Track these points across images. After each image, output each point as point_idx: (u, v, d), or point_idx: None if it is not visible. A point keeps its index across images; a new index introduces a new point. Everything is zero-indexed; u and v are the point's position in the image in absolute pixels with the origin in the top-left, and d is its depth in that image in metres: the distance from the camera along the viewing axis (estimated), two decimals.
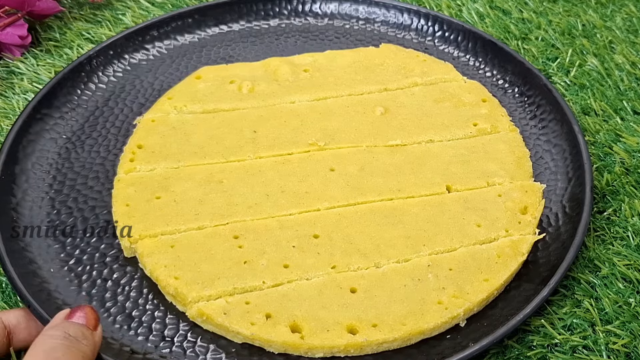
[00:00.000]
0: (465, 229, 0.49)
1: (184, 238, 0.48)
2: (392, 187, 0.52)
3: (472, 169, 0.54)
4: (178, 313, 0.46)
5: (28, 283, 0.45)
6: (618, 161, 0.55)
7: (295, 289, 0.45)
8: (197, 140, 0.55)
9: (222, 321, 0.43)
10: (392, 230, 0.49)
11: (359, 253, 0.47)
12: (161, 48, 0.66)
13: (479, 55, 0.65)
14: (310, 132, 0.56)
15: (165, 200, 0.51)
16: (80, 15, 0.71)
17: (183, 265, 0.46)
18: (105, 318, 0.45)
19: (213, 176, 0.52)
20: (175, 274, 0.45)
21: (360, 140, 0.56)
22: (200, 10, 0.68)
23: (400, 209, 0.50)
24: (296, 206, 0.50)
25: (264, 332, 0.43)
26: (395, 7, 0.69)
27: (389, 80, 0.62)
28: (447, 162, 0.54)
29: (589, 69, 0.64)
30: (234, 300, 0.44)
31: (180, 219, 0.49)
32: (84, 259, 0.48)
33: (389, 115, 0.58)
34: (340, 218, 0.50)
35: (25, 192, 0.52)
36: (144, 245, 0.47)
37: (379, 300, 0.45)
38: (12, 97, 0.62)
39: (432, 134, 0.57)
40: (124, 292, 0.47)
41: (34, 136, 0.56)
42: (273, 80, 0.61)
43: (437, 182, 0.53)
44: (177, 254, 0.47)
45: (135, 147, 0.55)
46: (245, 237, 0.48)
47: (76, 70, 0.61)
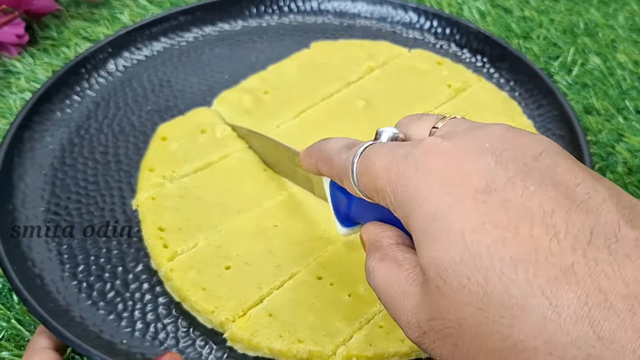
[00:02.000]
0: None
1: (273, 302, 0.44)
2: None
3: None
4: (182, 312, 0.45)
5: (27, 282, 0.44)
6: (620, 161, 0.55)
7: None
8: (215, 199, 0.51)
9: (374, 352, 0.42)
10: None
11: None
12: (160, 47, 0.65)
13: (482, 54, 0.64)
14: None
15: (236, 266, 0.46)
16: (78, 14, 0.71)
17: (296, 327, 0.43)
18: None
19: (262, 225, 0.49)
20: (297, 338, 0.43)
21: (369, 135, 0.55)
22: (203, 7, 0.67)
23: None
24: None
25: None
26: (394, 5, 0.68)
27: (346, 73, 0.61)
28: None
29: (591, 67, 0.63)
30: (368, 330, 0.43)
31: (265, 276, 0.46)
32: (84, 259, 0.48)
33: (372, 105, 0.58)
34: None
35: (24, 192, 0.52)
36: (241, 327, 0.43)
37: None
38: (9, 97, 0.61)
39: (421, 107, 0.58)
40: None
41: (32, 136, 0.55)
42: (244, 114, 0.58)
43: None
44: (281, 320, 0.43)
45: (158, 232, 0.48)
46: (328, 274, 0.46)
47: (74, 69, 0.60)
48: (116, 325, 0.44)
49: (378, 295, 0.33)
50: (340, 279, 0.45)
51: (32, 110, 0.56)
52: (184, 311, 0.45)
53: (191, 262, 0.46)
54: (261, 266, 0.46)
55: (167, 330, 0.44)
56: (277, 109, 0.58)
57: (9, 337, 0.44)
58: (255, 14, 0.69)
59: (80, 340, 0.41)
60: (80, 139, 0.57)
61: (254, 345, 0.43)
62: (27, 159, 0.54)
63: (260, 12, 0.69)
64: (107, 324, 0.44)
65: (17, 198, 0.51)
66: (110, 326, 0.44)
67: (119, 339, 0.44)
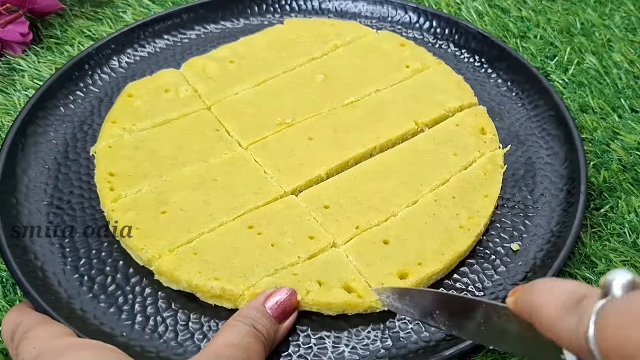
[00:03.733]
0: (446, 161, 0.54)
1: (201, 243, 0.48)
2: (370, 137, 0.56)
3: (426, 102, 0.59)
4: (194, 308, 0.46)
5: (29, 275, 0.46)
6: (615, 158, 0.56)
7: (333, 255, 0.48)
8: (166, 152, 0.54)
9: None
10: (388, 182, 0.53)
11: (372, 209, 0.50)
12: (162, 45, 0.66)
13: (480, 54, 0.65)
14: (269, 114, 0.57)
15: (172, 211, 0.50)
16: (81, 13, 0.71)
17: (216, 266, 0.46)
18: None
19: (204, 178, 0.52)
20: (214, 276, 0.46)
21: (319, 108, 0.58)
22: (205, 5, 0.68)
23: (384, 163, 0.54)
24: (299, 178, 0.52)
25: (323, 297, 0.45)
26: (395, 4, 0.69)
27: (312, 49, 0.64)
28: (402, 103, 0.59)
29: (587, 67, 0.64)
30: (281, 275, 0.46)
31: (197, 223, 0.49)
32: (86, 252, 0.49)
33: (330, 80, 0.61)
34: (338, 185, 0.52)
35: (27, 186, 0.53)
36: (166, 261, 0.47)
37: (412, 242, 0.48)
38: (13, 94, 0.62)
39: (377, 85, 0.61)
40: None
41: (36, 130, 0.56)
42: (207, 78, 0.61)
43: (404, 121, 0.57)
44: (204, 258, 0.47)
45: (108, 176, 0.52)
46: (260, 224, 0.49)
47: (77, 66, 0.61)
48: (116, 318, 0.45)
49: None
50: (269, 230, 0.49)
51: (36, 105, 0.57)
52: (184, 305, 0.46)
53: (132, 205, 0.50)
54: (194, 213, 0.50)
55: (167, 323, 0.45)
56: (239, 77, 0.61)
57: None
58: (257, 13, 0.70)
59: (81, 332, 0.42)
60: (84, 134, 0.57)
61: (175, 278, 0.46)
62: (30, 153, 0.55)
63: (262, 10, 0.70)
64: (108, 317, 0.45)
65: (21, 192, 0.52)
66: (110, 319, 0.45)
67: (119, 332, 0.44)
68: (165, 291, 0.47)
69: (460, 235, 0.49)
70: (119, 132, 0.56)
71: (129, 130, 0.56)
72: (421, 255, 0.48)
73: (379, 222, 0.50)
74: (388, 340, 0.44)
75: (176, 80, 0.61)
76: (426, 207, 0.51)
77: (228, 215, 0.50)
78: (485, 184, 0.53)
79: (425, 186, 0.52)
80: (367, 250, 0.48)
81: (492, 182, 0.53)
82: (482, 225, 0.50)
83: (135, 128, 0.56)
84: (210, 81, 0.60)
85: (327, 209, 0.51)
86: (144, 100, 0.59)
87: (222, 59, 0.63)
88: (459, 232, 0.49)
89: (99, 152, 0.54)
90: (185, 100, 0.59)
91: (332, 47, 0.64)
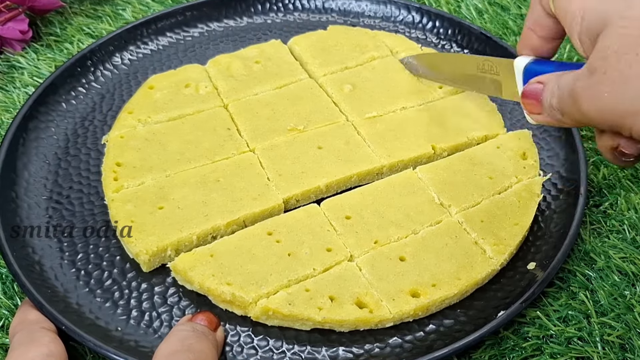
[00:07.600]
0: (480, 183, 0.52)
1: (220, 245, 0.47)
2: (381, 154, 0.54)
3: (450, 127, 0.56)
4: (177, 301, 0.46)
5: (26, 268, 0.46)
6: None
7: (347, 268, 0.47)
8: (175, 147, 0.54)
9: (290, 311, 0.44)
10: (414, 198, 0.51)
11: (393, 225, 0.49)
12: (165, 42, 0.66)
13: (481, 54, 0.65)
14: (284, 118, 0.57)
15: (169, 208, 0.50)
16: (81, 11, 0.72)
17: (230, 270, 0.46)
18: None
19: (207, 177, 0.52)
20: (226, 281, 0.45)
21: (335, 117, 0.57)
22: (209, 3, 0.68)
23: (414, 178, 0.53)
24: (296, 187, 0.51)
25: (334, 314, 0.44)
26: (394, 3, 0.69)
27: (347, 59, 0.63)
28: (425, 124, 0.57)
29: None
30: (294, 290, 0.45)
31: (190, 223, 0.49)
32: (83, 247, 0.49)
33: (357, 91, 0.59)
34: (363, 197, 0.51)
35: (27, 180, 0.53)
36: (184, 260, 0.46)
37: (429, 262, 0.47)
38: (12, 91, 0.62)
39: (403, 102, 0.59)
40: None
41: (37, 126, 0.56)
42: (229, 77, 0.60)
43: (422, 143, 0.55)
44: (220, 261, 0.46)
45: (114, 166, 0.53)
46: (279, 232, 0.48)
47: (77, 64, 0.61)
48: (112, 313, 0.45)
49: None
50: (288, 238, 0.48)
51: (37, 100, 0.57)
52: (179, 300, 0.46)
53: (132, 197, 0.50)
54: (190, 213, 0.50)
55: (162, 319, 0.45)
56: (262, 78, 0.61)
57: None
58: (260, 11, 0.70)
59: (75, 326, 0.42)
60: (85, 130, 0.57)
61: (188, 279, 0.46)
62: (31, 148, 0.55)
63: (265, 9, 0.70)
64: (103, 311, 0.45)
65: (21, 186, 0.52)
66: (106, 313, 0.45)
67: (114, 326, 0.44)
68: (162, 287, 0.47)
69: (481, 262, 0.47)
70: (133, 123, 0.56)
71: (144, 122, 0.56)
72: (436, 277, 0.46)
73: (398, 239, 0.48)
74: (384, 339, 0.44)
75: (199, 76, 0.61)
76: (450, 228, 0.49)
77: (222, 218, 0.49)
78: (518, 212, 0.50)
79: (453, 207, 0.50)
80: (381, 264, 0.47)
81: (525, 210, 0.50)
82: (507, 254, 0.47)
83: (150, 120, 0.57)
84: (232, 79, 0.60)
85: (348, 219, 0.49)
86: (163, 93, 0.59)
87: (249, 58, 0.62)
88: (480, 257, 0.47)
89: (111, 141, 0.55)
90: (204, 97, 0.59)
91: (369, 59, 0.63)
